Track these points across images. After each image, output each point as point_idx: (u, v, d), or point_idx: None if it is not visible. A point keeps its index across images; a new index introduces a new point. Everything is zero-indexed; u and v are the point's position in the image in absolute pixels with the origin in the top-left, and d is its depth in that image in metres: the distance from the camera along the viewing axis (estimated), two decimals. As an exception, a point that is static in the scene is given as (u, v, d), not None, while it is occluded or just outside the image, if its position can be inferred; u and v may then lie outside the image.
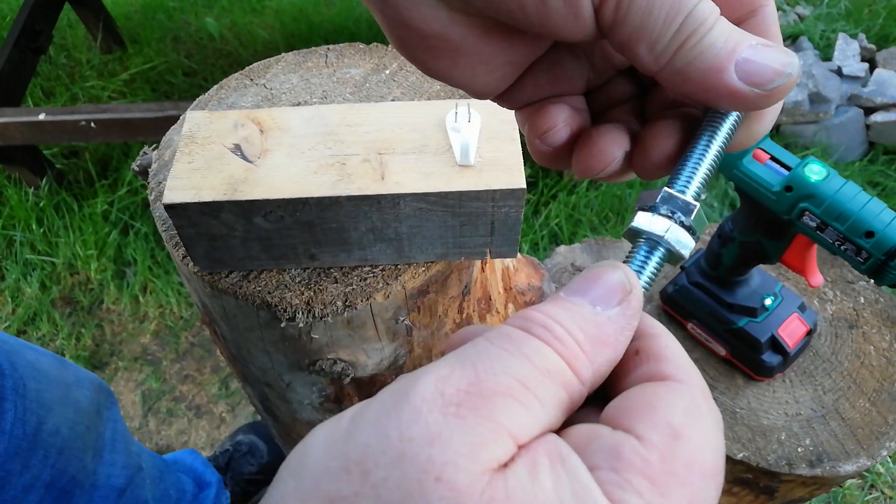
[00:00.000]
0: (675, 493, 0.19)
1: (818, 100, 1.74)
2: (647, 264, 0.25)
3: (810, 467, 0.71)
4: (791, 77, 0.24)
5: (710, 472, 0.20)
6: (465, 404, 0.19)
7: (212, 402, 1.40)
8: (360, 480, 0.18)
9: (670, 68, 0.24)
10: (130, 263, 1.60)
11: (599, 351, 0.22)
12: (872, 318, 0.83)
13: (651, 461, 0.19)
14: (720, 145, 0.26)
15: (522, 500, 0.18)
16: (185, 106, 1.32)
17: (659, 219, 0.25)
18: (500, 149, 0.49)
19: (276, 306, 0.51)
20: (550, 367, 0.21)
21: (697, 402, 0.21)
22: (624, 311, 0.23)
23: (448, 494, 0.17)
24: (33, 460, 0.64)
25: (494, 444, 0.19)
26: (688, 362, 0.23)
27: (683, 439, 0.20)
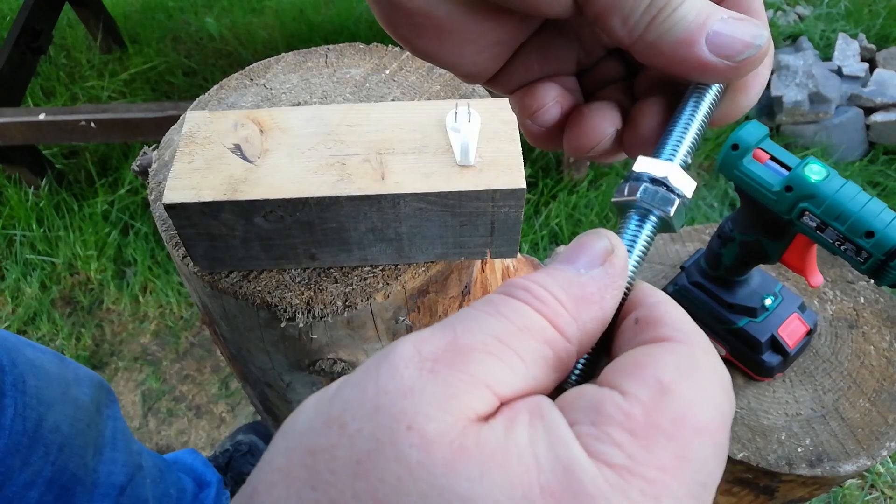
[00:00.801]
0: (659, 447, 0.18)
1: (818, 100, 1.74)
2: (639, 233, 0.25)
3: (810, 467, 0.71)
4: (760, 49, 0.24)
5: (704, 429, 0.19)
6: (440, 360, 0.19)
7: (212, 402, 1.40)
8: (338, 433, 0.18)
9: (643, 42, 0.25)
10: (130, 263, 1.60)
11: (583, 308, 0.22)
12: (872, 318, 0.83)
13: (633, 415, 0.19)
14: (704, 114, 0.26)
15: (493, 451, 0.17)
16: (185, 106, 1.32)
17: (646, 187, 0.25)
18: (500, 149, 0.49)
19: (276, 306, 0.51)
20: (529, 324, 0.21)
21: (695, 359, 0.21)
22: (606, 269, 0.22)
23: (418, 442, 0.17)
24: (34, 457, 0.64)
25: (468, 394, 0.19)
26: (689, 325, 0.22)
27: (673, 394, 0.19)
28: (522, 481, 0.17)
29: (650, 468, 0.18)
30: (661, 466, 0.18)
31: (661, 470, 0.18)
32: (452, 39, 0.28)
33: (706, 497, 0.19)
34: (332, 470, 0.18)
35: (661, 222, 0.25)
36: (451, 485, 0.17)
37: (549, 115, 0.30)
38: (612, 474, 0.17)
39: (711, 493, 0.19)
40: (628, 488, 0.17)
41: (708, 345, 0.22)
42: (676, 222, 0.26)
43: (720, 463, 0.19)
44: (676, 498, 0.18)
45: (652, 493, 0.17)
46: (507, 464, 0.17)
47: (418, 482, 0.17)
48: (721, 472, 0.20)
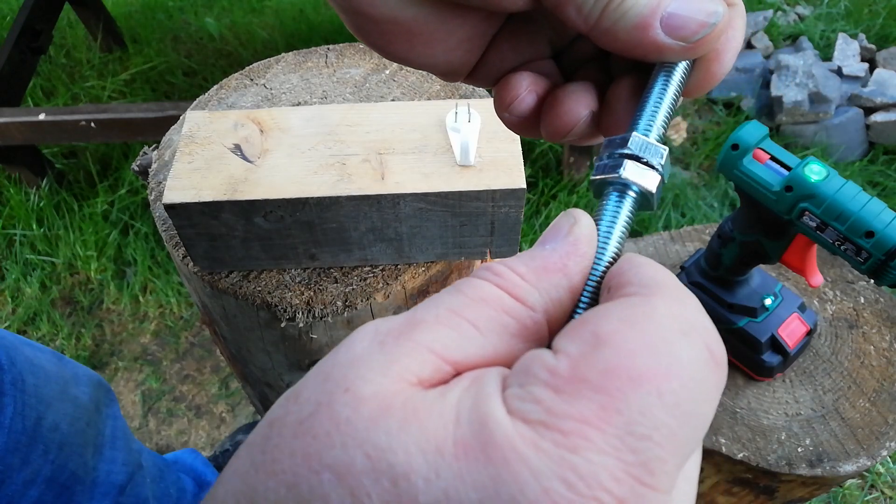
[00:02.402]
0: (581, 399, 0.17)
1: (818, 100, 1.74)
2: (619, 209, 0.25)
3: (810, 467, 0.71)
4: (716, 26, 0.24)
5: (644, 378, 0.18)
6: (391, 334, 0.20)
7: (212, 402, 1.40)
8: (293, 402, 0.19)
9: (599, 28, 0.25)
10: (130, 263, 1.60)
11: (545, 277, 0.22)
12: (872, 318, 0.83)
13: (558, 371, 0.18)
14: (675, 88, 0.26)
15: (416, 408, 0.18)
16: (185, 106, 1.32)
17: (627, 163, 0.25)
18: (500, 149, 0.49)
19: (276, 306, 0.51)
20: (485, 295, 0.21)
21: (649, 308, 0.19)
22: (567, 238, 0.23)
23: (350, 401, 0.18)
24: (33, 455, 0.64)
25: (409, 359, 0.19)
26: (657, 279, 0.21)
27: (606, 345, 0.18)
28: (438, 435, 0.17)
29: (568, 421, 0.17)
30: (581, 419, 0.17)
31: (582, 422, 0.17)
32: (421, 41, 0.28)
33: (658, 453, 0.17)
34: (280, 433, 0.19)
35: (640, 198, 0.25)
36: (369, 437, 0.17)
37: (525, 105, 0.30)
38: (525, 429, 0.17)
39: (673, 453, 0.18)
40: (540, 441, 0.17)
41: (677, 296, 0.20)
42: (656, 199, 0.25)
43: (682, 420, 0.18)
44: (600, 450, 0.17)
45: (567, 444, 0.17)
46: (427, 419, 0.18)
47: (343, 436, 0.18)
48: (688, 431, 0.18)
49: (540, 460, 0.17)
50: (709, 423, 0.19)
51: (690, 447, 0.18)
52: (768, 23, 2.02)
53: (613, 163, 0.25)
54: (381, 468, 0.17)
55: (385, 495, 0.16)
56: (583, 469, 0.16)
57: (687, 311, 0.20)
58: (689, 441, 0.18)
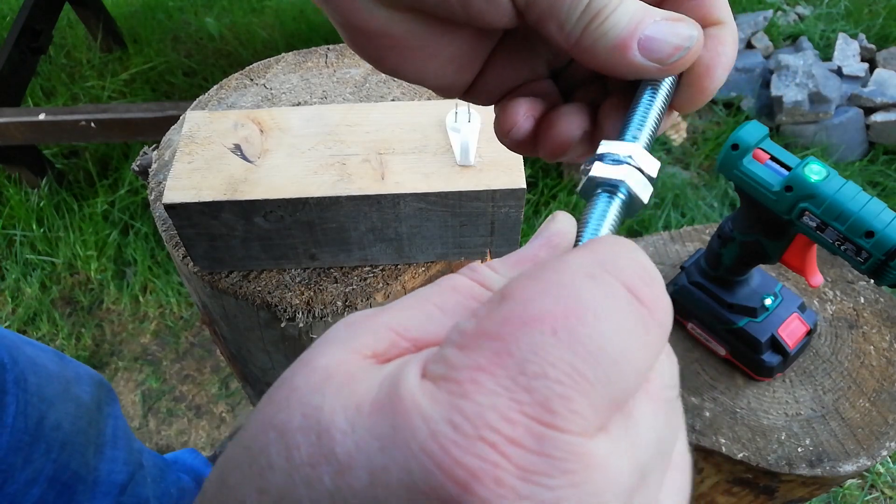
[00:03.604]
0: (478, 350, 0.17)
1: (818, 100, 1.74)
2: (607, 210, 0.25)
3: (810, 467, 0.71)
4: (690, 50, 0.26)
5: (536, 318, 0.17)
6: (361, 316, 0.21)
7: (212, 402, 1.40)
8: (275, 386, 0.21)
9: (579, 47, 0.26)
10: (130, 263, 1.60)
11: (515, 268, 0.22)
12: (872, 318, 0.83)
13: (465, 330, 0.18)
14: (663, 98, 0.27)
15: (352, 375, 0.19)
16: (185, 106, 1.32)
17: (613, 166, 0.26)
18: (500, 149, 0.49)
19: (276, 306, 0.51)
20: (456, 284, 0.22)
21: (560, 261, 0.19)
22: (543, 233, 0.24)
23: (305, 371, 0.20)
24: (35, 454, 0.64)
25: (367, 334, 0.20)
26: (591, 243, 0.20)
27: (508, 299, 0.18)
28: (361, 398, 0.18)
29: (464, 370, 0.17)
30: (476, 367, 0.17)
31: (476, 369, 0.17)
32: (415, 56, 0.29)
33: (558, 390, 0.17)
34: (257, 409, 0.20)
35: (627, 197, 0.25)
36: (307, 399, 0.19)
37: (523, 130, 0.31)
38: (429, 385, 0.18)
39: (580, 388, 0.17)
40: (437, 392, 0.17)
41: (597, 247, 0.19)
42: (640, 193, 0.26)
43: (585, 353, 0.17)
44: (489, 392, 0.17)
45: (459, 391, 0.17)
46: (359, 384, 0.19)
47: (289, 400, 0.19)
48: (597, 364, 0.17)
49: (432, 407, 0.17)
50: (642, 372, 0.18)
51: (614, 389, 0.17)
52: (768, 23, 2.02)
53: (587, 166, 0.26)
54: (310, 425, 0.18)
55: (310, 448, 0.18)
56: (469, 411, 0.17)
57: (601, 257, 0.19)
58: (608, 381, 0.17)
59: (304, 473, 0.18)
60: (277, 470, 0.18)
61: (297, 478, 0.18)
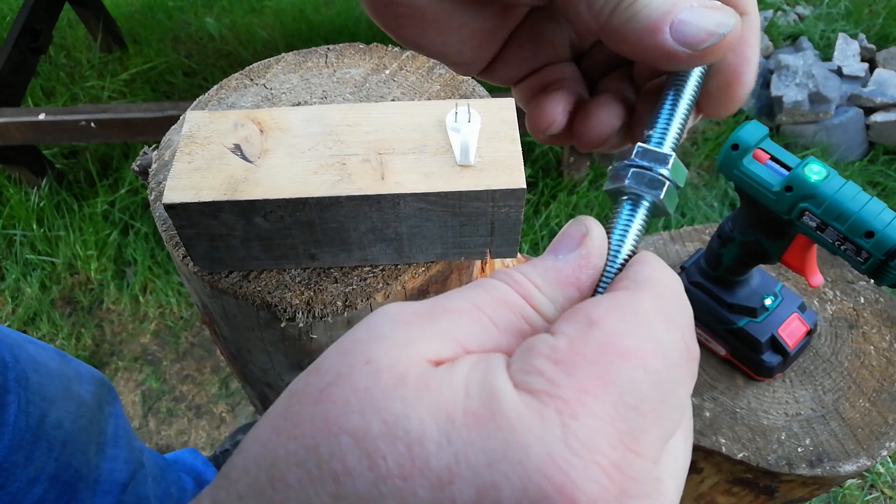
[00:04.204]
0: (580, 370, 0.19)
1: (818, 100, 1.74)
2: (632, 220, 0.25)
3: (810, 467, 0.71)
4: (724, 37, 0.24)
5: (632, 353, 0.19)
6: (415, 316, 0.21)
7: (212, 402, 1.40)
8: (314, 375, 0.20)
9: (608, 27, 0.25)
10: (130, 263, 1.60)
11: (559, 290, 0.23)
12: (872, 318, 0.83)
13: (558, 346, 0.19)
14: (689, 98, 0.27)
15: (429, 380, 0.19)
16: (185, 106, 1.32)
17: (633, 172, 0.26)
18: (500, 149, 0.49)
19: (276, 306, 0.51)
20: (507, 298, 0.22)
21: (633, 300, 0.21)
22: (580, 251, 0.24)
23: (370, 371, 0.19)
24: (37, 453, 0.64)
25: (430, 340, 0.20)
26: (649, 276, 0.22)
27: (598, 326, 0.20)
28: (449, 405, 0.18)
29: (569, 390, 0.18)
30: (580, 388, 0.18)
31: (581, 391, 0.18)
32: (436, 29, 0.28)
33: (644, 424, 0.19)
34: (301, 402, 0.20)
35: (653, 206, 0.26)
36: (386, 404, 0.19)
37: (559, 126, 0.30)
38: (530, 398, 0.18)
39: (655, 426, 0.19)
40: (545, 409, 0.18)
41: (663, 292, 0.22)
42: (668, 205, 0.26)
43: (663, 396, 0.19)
44: (597, 417, 0.18)
45: (568, 412, 0.18)
46: (440, 391, 0.19)
47: (361, 403, 0.19)
48: (668, 408, 0.19)
49: (545, 427, 0.18)
50: (685, 409, 0.21)
51: (670, 425, 0.20)
52: (768, 23, 2.02)
53: (622, 172, 0.26)
54: (396, 434, 0.18)
55: (399, 458, 0.18)
56: (583, 434, 0.18)
57: (669, 305, 0.21)
58: (669, 417, 0.20)
59: (394, 485, 0.18)
60: (358, 478, 0.18)
61: (384, 489, 0.18)
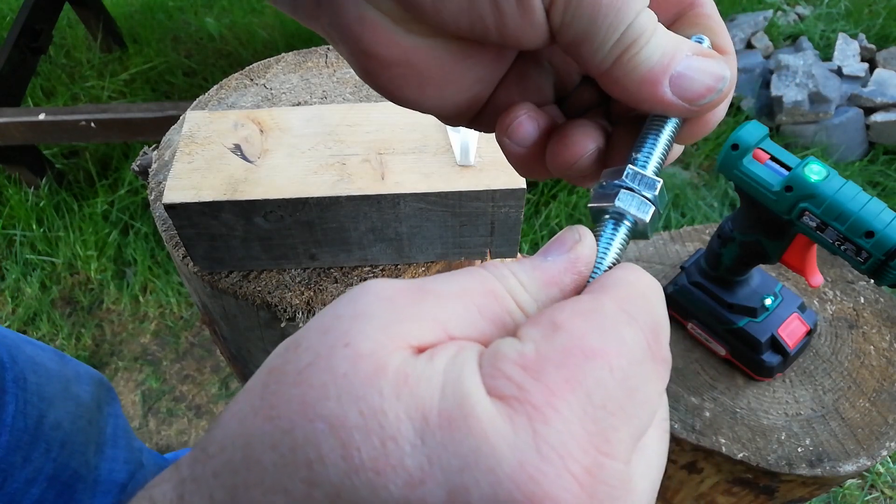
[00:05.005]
0: (547, 374, 0.19)
1: (818, 100, 1.74)
2: (613, 238, 0.26)
3: (810, 467, 0.71)
4: (722, 92, 0.25)
5: (596, 353, 0.19)
6: (401, 294, 0.21)
7: (212, 402, 1.40)
8: (293, 352, 0.20)
9: (609, 75, 0.25)
10: (130, 263, 1.60)
11: (543, 290, 0.23)
12: (872, 318, 0.83)
13: (524, 352, 0.19)
14: (672, 128, 0.27)
15: (407, 374, 0.19)
16: (185, 106, 1.32)
17: (623, 193, 0.26)
18: (500, 149, 0.49)
19: (276, 306, 0.51)
20: (494, 290, 0.22)
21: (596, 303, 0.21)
22: (569, 255, 0.24)
23: (349, 355, 0.19)
24: (35, 453, 0.64)
25: (414, 323, 0.20)
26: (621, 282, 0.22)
27: (562, 330, 0.20)
28: (425, 404, 0.18)
29: (538, 394, 0.18)
30: (549, 391, 0.18)
31: (550, 395, 0.18)
32: (433, 84, 0.28)
33: (613, 423, 0.19)
34: (279, 381, 0.20)
35: (634, 228, 0.26)
36: (364, 395, 0.19)
37: (524, 130, 0.30)
38: (502, 405, 0.18)
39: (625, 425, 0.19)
40: (515, 415, 0.18)
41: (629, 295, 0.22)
42: (650, 230, 0.27)
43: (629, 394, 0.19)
44: (566, 420, 0.18)
45: (539, 417, 0.18)
46: (417, 386, 0.19)
47: (339, 389, 0.19)
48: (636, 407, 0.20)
49: (515, 434, 0.18)
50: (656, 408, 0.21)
51: (640, 423, 0.20)
52: (768, 23, 2.02)
53: (610, 192, 0.26)
54: (372, 427, 0.18)
55: (374, 452, 0.18)
56: (553, 440, 0.18)
57: (632, 306, 0.21)
58: (638, 416, 0.20)
59: (367, 478, 0.18)
60: (331, 467, 0.18)
61: (356, 481, 0.18)
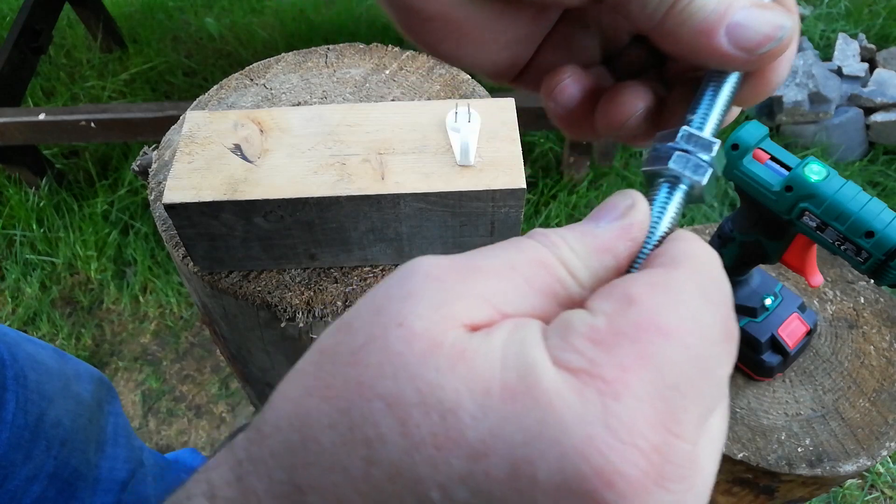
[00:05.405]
0: (620, 349, 0.18)
1: (818, 100, 1.74)
2: (670, 201, 0.25)
3: (810, 467, 0.71)
4: (782, 41, 0.24)
5: (672, 332, 0.19)
6: (449, 273, 0.21)
7: (212, 402, 1.40)
8: (345, 332, 0.20)
9: (661, 29, 0.24)
10: (130, 263, 1.60)
11: (595, 256, 0.22)
12: (872, 318, 0.83)
13: (596, 325, 0.19)
14: (730, 88, 0.26)
15: (464, 349, 0.19)
16: (185, 106, 1.32)
17: (677, 155, 0.25)
18: (500, 149, 0.49)
19: (276, 306, 0.51)
20: (543, 259, 0.21)
21: (672, 277, 0.20)
22: (622, 221, 0.23)
23: (403, 335, 0.19)
24: (36, 451, 0.64)
25: (463, 302, 0.20)
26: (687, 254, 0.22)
27: (637, 304, 0.19)
28: (485, 376, 0.18)
29: (610, 368, 0.18)
30: (621, 366, 0.18)
31: (622, 369, 0.18)
32: (471, 41, 0.28)
33: (684, 404, 0.18)
34: (333, 361, 0.20)
35: (690, 191, 0.25)
36: (420, 372, 0.18)
37: (568, 93, 0.29)
38: (570, 376, 0.18)
39: (695, 405, 0.18)
40: (584, 389, 0.18)
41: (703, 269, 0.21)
42: (707, 193, 0.25)
43: (702, 374, 0.19)
44: (638, 398, 0.18)
45: (610, 391, 0.17)
46: (475, 361, 0.18)
47: (395, 368, 0.18)
48: (707, 387, 0.19)
49: (584, 407, 0.17)
50: (724, 390, 0.20)
51: (709, 404, 0.19)
52: (768, 23, 2.02)
53: (664, 154, 0.25)
54: (430, 402, 0.18)
55: (433, 427, 0.18)
56: (624, 416, 0.17)
57: (707, 282, 0.21)
58: (709, 396, 0.19)
59: (427, 454, 0.18)
60: (390, 444, 0.18)
61: (417, 457, 0.18)
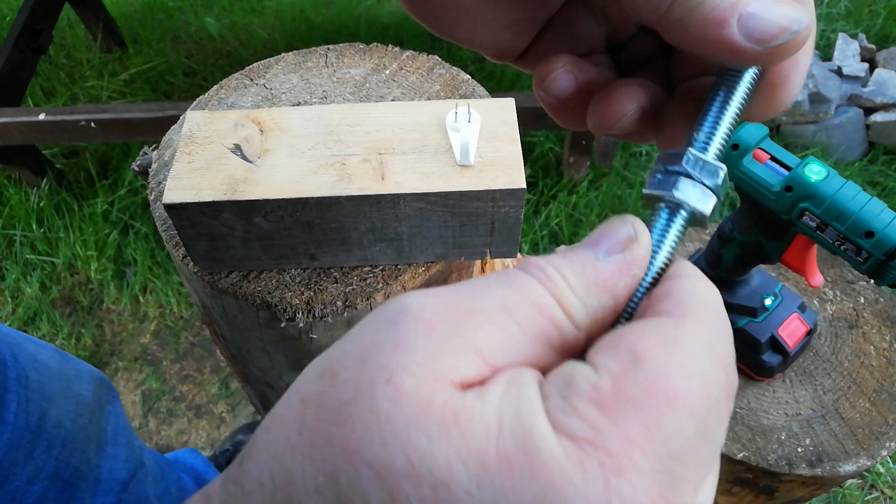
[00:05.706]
0: (625, 417, 0.17)
1: (818, 100, 1.74)
2: (670, 229, 0.24)
3: (810, 467, 0.71)
4: (798, 34, 0.22)
5: (678, 398, 0.18)
6: (439, 318, 0.19)
7: (212, 402, 1.40)
8: (329, 382, 0.19)
9: (669, 19, 0.23)
10: (130, 263, 1.60)
11: (594, 294, 0.21)
12: (872, 318, 0.83)
13: (601, 386, 0.18)
14: (739, 102, 0.24)
15: (457, 412, 0.17)
16: (185, 106, 1.32)
17: (682, 182, 0.24)
18: (500, 149, 0.49)
19: (276, 306, 0.51)
20: (537, 299, 0.20)
21: (680, 331, 0.19)
22: (624, 256, 0.22)
23: (391, 394, 0.18)
24: (37, 451, 0.64)
25: (455, 357, 0.19)
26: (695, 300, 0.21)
27: (645, 363, 0.18)
28: (480, 445, 0.17)
29: (614, 439, 0.17)
30: (626, 437, 0.17)
31: (627, 441, 0.17)
32: (472, 19, 0.28)
33: (685, 474, 0.17)
34: (317, 416, 0.18)
35: (691, 218, 0.24)
36: (410, 439, 0.17)
37: (559, 84, 0.28)
38: (572, 446, 0.17)
39: (695, 472, 0.18)
40: (587, 461, 0.17)
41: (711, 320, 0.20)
42: (709, 221, 0.24)
43: (704, 440, 0.18)
44: (641, 472, 0.17)
45: (613, 466, 0.17)
46: (469, 426, 0.17)
47: (383, 433, 0.17)
48: (708, 451, 0.18)
49: (586, 483, 0.16)
50: (720, 447, 0.20)
51: (707, 467, 0.19)
52: (768, 23, 2.02)
53: (667, 179, 0.24)
54: (421, 473, 0.17)
55: (424, 501, 0.16)
56: (626, 493, 0.16)
57: (715, 334, 0.20)
58: (707, 461, 0.18)
59: None
60: None
61: None
